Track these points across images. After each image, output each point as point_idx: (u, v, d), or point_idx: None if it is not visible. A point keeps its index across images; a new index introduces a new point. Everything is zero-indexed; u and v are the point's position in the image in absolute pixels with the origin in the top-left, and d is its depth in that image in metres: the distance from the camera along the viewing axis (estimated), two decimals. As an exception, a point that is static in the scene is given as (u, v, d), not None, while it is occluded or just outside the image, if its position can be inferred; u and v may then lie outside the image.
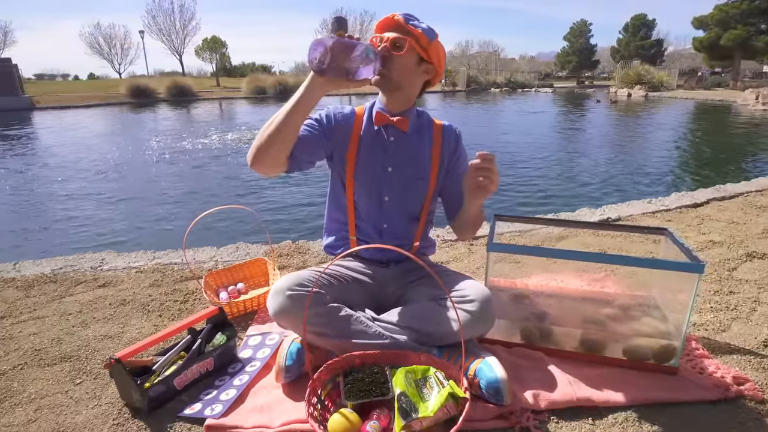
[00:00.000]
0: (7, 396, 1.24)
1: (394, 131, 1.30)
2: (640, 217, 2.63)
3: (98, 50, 43.62)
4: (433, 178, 1.33)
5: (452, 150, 1.35)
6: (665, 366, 1.23)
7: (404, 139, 1.31)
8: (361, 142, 1.30)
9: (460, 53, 47.49)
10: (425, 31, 1.19)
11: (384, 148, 1.30)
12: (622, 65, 26.89)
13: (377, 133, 1.31)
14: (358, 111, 1.34)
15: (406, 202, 1.33)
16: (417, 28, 1.19)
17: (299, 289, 1.15)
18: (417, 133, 1.33)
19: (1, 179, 6.10)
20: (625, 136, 9.68)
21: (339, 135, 1.30)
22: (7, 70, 18.34)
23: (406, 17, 1.20)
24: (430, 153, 1.32)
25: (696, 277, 1.14)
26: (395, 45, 1.19)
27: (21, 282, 1.95)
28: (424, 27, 1.20)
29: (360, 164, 1.30)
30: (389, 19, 1.20)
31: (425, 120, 1.36)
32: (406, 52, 1.18)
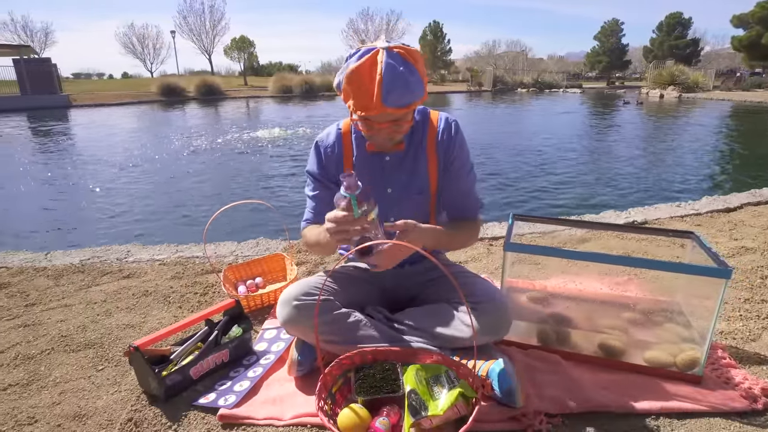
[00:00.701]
0: (34, 379, 1.29)
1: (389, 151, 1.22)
2: (668, 221, 2.54)
3: (131, 50, 45.15)
4: (433, 186, 1.24)
5: (445, 146, 1.22)
6: (688, 374, 1.19)
7: (402, 156, 1.22)
8: (356, 167, 1.23)
9: (487, 53, 46.96)
10: (415, 99, 1.05)
11: (382, 169, 1.22)
12: (655, 65, 26.00)
13: (372, 156, 1.22)
14: (344, 129, 1.25)
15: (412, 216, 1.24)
16: (410, 105, 1.04)
17: (306, 299, 1.15)
18: (413, 142, 1.22)
19: (39, 173, 6.38)
20: (654, 137, 9.36)
21: (334, 170, 1.25)
22: (47, 70, 19.18)
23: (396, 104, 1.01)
24: (426, 159, 1.22)
25: (723, 282, 1.09)
26: (396, 128, 1.09)
27: (51, 271, 2.03)
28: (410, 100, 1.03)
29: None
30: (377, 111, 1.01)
31: (419, 120, 1.23)
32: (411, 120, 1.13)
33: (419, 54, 1.07)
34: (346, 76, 1.02)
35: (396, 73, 1.00)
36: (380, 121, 1.06)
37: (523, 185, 5.14)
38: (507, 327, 1.17)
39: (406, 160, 1.22)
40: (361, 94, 1.01)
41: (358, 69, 1.00)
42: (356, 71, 1.00)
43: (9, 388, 1.25)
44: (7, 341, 1.48)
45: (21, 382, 1.27)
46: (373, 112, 1.01)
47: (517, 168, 6.05)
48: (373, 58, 1.01)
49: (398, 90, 1.00)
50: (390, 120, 1.06)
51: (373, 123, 1.07)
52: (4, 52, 20.28)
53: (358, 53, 1.03)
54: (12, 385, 1.26)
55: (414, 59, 1.05)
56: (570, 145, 7.90)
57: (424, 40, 46.60)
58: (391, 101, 1.00)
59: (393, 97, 1.00)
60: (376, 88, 0.98)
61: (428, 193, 1.24)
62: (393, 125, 1.08)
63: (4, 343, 1.47)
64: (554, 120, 12.76)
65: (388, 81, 0.99)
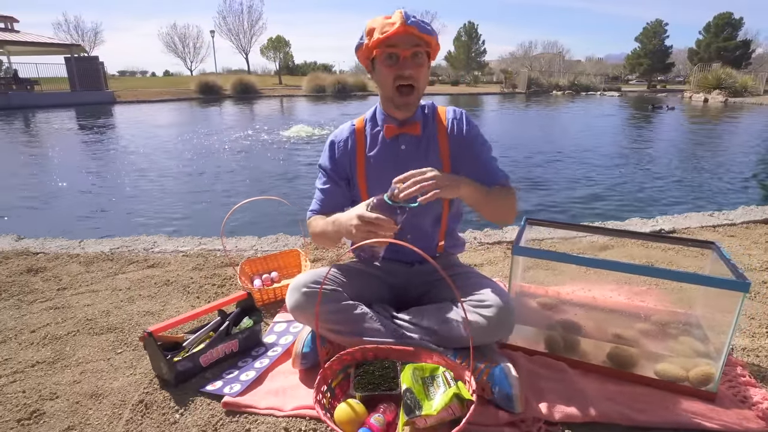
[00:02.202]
0: (60, 358, 1.37)
1: (406, 138, 1.26)
2: (698, 231, 2.44)
3: (173, 49, 46.94)
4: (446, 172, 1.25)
5: (456, 135, 1.27)
6: (702, 390, 1.14)
7: (417, 142, 1.26)
8: (369, 162, 1.27)
9: (522, 54, 46.13)
10: (433, 34, 1.17)
11: (396, 160, 1.25)
12: (700, 68, 24.81)
13: (388, 145, 1.27)
14: (357, 127, 1.31)
15: (426, 211, 1.25)
16: (431, 35, 1.16)
17: (315, 286, 1.18)
18: (427, 131, 1.28)
19: (83, 163, 6.74)
20: (689, 143, 8.95)
21: (347, 165, 1.29)
22: (95, 67, 20.20)
23: (418, 25, 1.13)
24: (438, 150, 1.26)
25: (740, 296, 1.04)
26: (418, 63, 1.16)
27: (83, 258, 2.15)
28: (430, 29, 1.17)
29: (372, 185, 1.26)
30: (401, 30, 1.11)
31: (429, 111, 1.31)
32: (428, 64, 1.18)
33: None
34: (372, 20, 1.17)
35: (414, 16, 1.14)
36: (403, 47, 1.13)
37: (548, 189, 5.02)
38: (510, 329, 1.16)
39: (420, 148, 1.26)
40: (384, 23, 1.13)
41: (377, 17, 1.16)
42: (376, 18, 1.16)
43: (37, 365, 1.34)
44: (39, 321, 1.58)
45: (47, 360, 1.36)
46: (399, 29, 1.09)
47: (543, 171, 5.92)
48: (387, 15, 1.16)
49: (419, 20, 1.13)
50: (413, 45, 1.13)
51: (398, 51, 1.13)
52: (57, 51, 21.49)
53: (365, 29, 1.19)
54: (39, 362, 1.35)
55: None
56: (599, 150, 7.67)
57: (459, 41, 46.20)
58: (413, 22, 1.11)
59: (414, 21, 1.12)
60: (398, 15, 1.12)
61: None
62: (415, 55, 1.14)
63: (37, 323, 1.57)
64: (583, 124, 12.39)
65: (409, 13, 1.13)
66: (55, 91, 19.49)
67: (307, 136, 9.19)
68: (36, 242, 2.37)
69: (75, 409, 1.14)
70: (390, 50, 1.14)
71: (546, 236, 2.36)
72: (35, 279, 1.95)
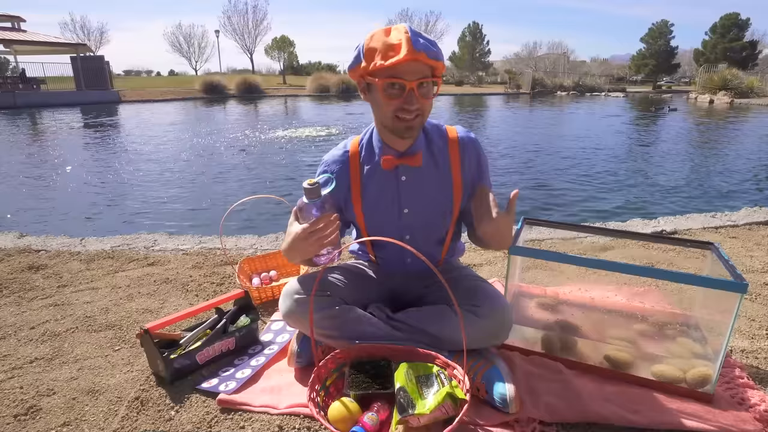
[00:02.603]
0: (58, 354, 1.38)
1: (406, 168, 1.15)
2: (700, 232, 2.42)
3: (178, 48, 47.13)
4: (457, 206, 1.20)
5: (474, 167, 1.18)
6: (698, 392, 1.13)
7: (419, 173, 1.15)
8: (366, 193, 1.18)
9: (527, 55, 46.04)
10: (441, 57, 1.03)
11: (396, 190, 1.16)
12: (706, 69, 24.64)
13: (386, 175, 1.16)
14: (351, 151, 1.19)
15: (430, 235, 1.24)
16: (439, 60, 1.02)
17: (306, 293, 1.16)
18: (432, 161, 1.16)
19: (86, 162, 6.77)
20: (696, 145, 8.89)
21: (340, 194, 1.19)
22: (100, 67, 20.34)
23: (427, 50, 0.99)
24: (450, 179, 1.17)
25: (738, 296, 1.03)
26: (425, 95, 1.04)
27: (85, 256, 2.16)
28: (437, 52, 1.02)
29: (369, 212, 1.20)
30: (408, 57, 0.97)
31: (436, 136, 1.17)
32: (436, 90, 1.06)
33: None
34: (370, 36, 1.02)
35: (418, 31, 1.01)
36: (410, 78, 0.99)
37: (549, 189, 5.01)
38: (507, 332, 1.15)
39: (423, 179, 1.16)
40: (388, 45, 0.98)
41: (377, 31, 1.01)
42: (375, 33, 1.01)
43: (35, 361, 1.35)
44: (39, 318, 1.59)
45: (46, 356, 1.37)
46: (407, 56, 0.96)
47: (544, 171, 5.91)
48: (389, 27, 1.02)
49: (425, 41, 1.00)
50: (420, 77, 1.00)
51: (404, 81, 0.99)
52: (63, 50, 21.64)
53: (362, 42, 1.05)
54: (38, 358, 1.36)
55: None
56: (602, 150, 7.63)
57: (463, 41, 46.18)
58: (422, 47, 0.98)
59: (423, 45, 0.98)
60: (404, 35, 0.98)
61: (450, 216, 1.21)
62: (422, 89, 1.02)
63: (36, 320, 1.58)
64: (584, 124, 12.35)
65: (414, 33, 0.99)
66: (61, 90, 19.62)
67: (310, 136, 9.21)
68: (38, 240, 2.39)
69: (71, 405, 1.14)
70: (394, 80, 1.00)
71: (546, 236, 2.36)
72: (36, 276, 1.96)
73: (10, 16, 21.59)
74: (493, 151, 7.60)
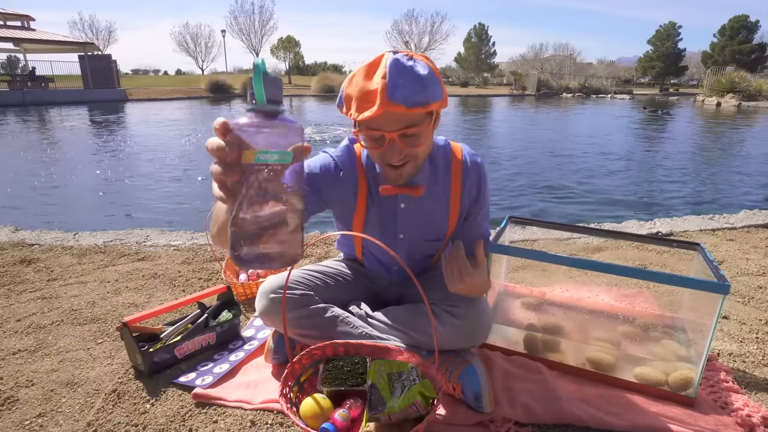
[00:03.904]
0: (41, 346, 1.38)
1: (405, 196, 1.10)
2: (697, 234, 2.39)
3: (185, 48, 47.36)
4: (451, 230, 1.17)
5: (474, 196, 1.12)
6: (680, 395, 1.11)
7: (418, 202, 1.11)
8: (369, 209, 1.13)
9: (533, 56, 45.87)
10: (433, 99, 0.90)
11: (395, 215, 1.13)
12: (714, 71, 24.43)
13: (385, 198, 1.11)
14: (358, 151, 1.12)
15: (421, 254, 1.23)
16: (428, 104, 0.88)
17: (282, 292, 1.14)
18: (432, 188, 1.10)
19: (89, 158, 6.82)
20: (701, 147, 8.81)
21: (342, 195, 1.12)
22: (108, 66, 20.51)
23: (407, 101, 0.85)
24: (448, 209, 1.12)
25: (720, 298, 1.02)
26: (411, 144, 0.94)
27: (77, 250, 2.17)
28: (426, 97, 0.88)
29: (368, 228, 1.16)
30: (381, 111, 0.85)
31: (440, 159, 1.10)
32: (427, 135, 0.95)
33: (431, 60, 0.95)
34: (347, 80, 0.93)
35: (404, 68, 0.87)
36: (389, 129, 0.90)
37: (548, 191, 4.98)
38: (485, 334, 1.14)
39: (425, 205, 1.12)
40: (363, 93, 0.87)
41: (358, 72, 0.91)
42: (356, 74, 0.91)
43: (18, 352, 1.35)
44: (25, 311, 1.60)
45: (29, 348, 1.37)
46: (378, 110, 0.84)
47: (544, 172, 5.87)
48: (376, 60, 0.90)
49: (408, 86, 0.85)
50: (402, 127, 0.90)
51: (382, 132, 0.90)
52: (72, 49, 21.82)
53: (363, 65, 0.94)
54: (21, 350, 1.36)
55: (425, 59, 0.93)
56: (601, 152, 7.58)
57: (469, 42, 46.08)
58: (398, 97, 0.84)
59: (401, 94, 0.85)
60: (380, 81, 0.85)
61: (443, 239, 1.19)
62: (406, 136, 0.92)
63: (23, 313, 1.58)
64: (586, 125, 12.27)
65: (394, 75, 0.85)
66: (69, 89, 19.78)
67: (311, 136, 9.21)
68: (32, 234, 2.40)
69: (49, 397, 1.14)
70: (371, 132, 0.92)
71: (540, 237, 2.34)
72: (27, 270, 1.97)
73: (20, 15, 21.81)
74: (492, 152, 7.57)
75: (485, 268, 1.00)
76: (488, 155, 7.32)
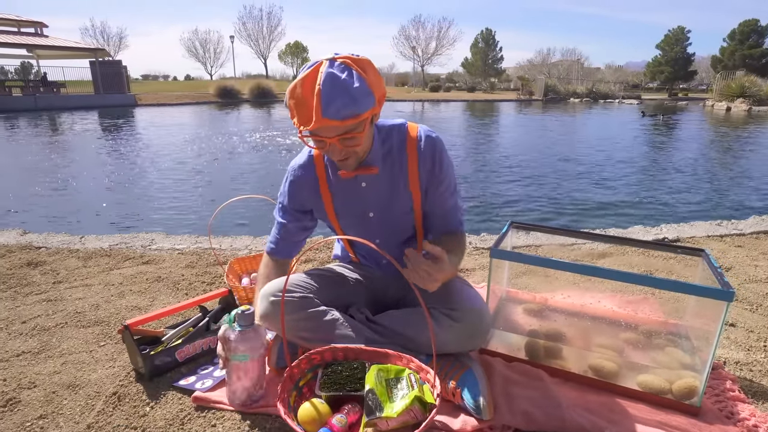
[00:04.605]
0: (45, 348, 1.40)
1: (364, 176, 1.17)
2: (704, 240, 2.36)
3: (194, 53, 47.88)
4: (417, 204, 1.20)
5: (429, 169, 1.16)
6: (685, 404, 1.09)
7: (377, 179, 1.17)
8: (334, 196, 1.22)
9: (540, 61, 45.81)
10: (365, 107, 0.97)
11: (359, 194, 1.19)
12: (723, 76, 24.20)
13: (348, 181, 1.18)
14: (316, 155, 1.22)
15: (399, 237, 1.26)
16: (360, 114, 0.96)
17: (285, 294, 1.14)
18: (389, 164, 1.17)
19: (99, 162, 6.91)
20: (708, 152, 8.71)
21: (309, 198, 1.24)
22: (118, 71, 20.78)
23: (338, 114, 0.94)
24: (407, 182, 1.17)
25: (724, 304, 1.00)
26: (350, 144, 1.03)
27: (83, 253, 2.19)
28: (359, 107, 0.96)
29: (340, 215, 1.24)
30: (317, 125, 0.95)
31: (395, 141, 1.17)
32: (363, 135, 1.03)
33: (369, 63, 1.02)
34: (289, 91, 1.01)
35: (336, 83, 0.95)
36: (328, 136, 1.00)
37: (553, 197, 4.95)
38: (483, 336, 1.13)
39: (384, 181, 1.17)
40: (302, 108, 0.97)
41: (299, 83, 0.98)
42: (297, 85, 0.98)
43: (22, 354, 1.36)
44: (31, 313, 1.61)
45: (33, 350, 1.38)
46: (314, 125, 0.95)
47: (545, 177, 5.84)
48: (315, 70, 0.97)
49: (339, 100, 0.94)
50: (338, 134, 0.99)
51: (322, 138, 1.00)
52: (83, 55, 22.16)
53: (305, 67, 1.01)
54: (25, 352, 1.37)
55: (361, 68, 0.99)
56: (606, 157, 7.53)
57: (476, 47, 46.17)
58: (331, 113, 0.94)
59: (333, 109, 0.94)
60: (315, 99, 0.94)
61: (413, 211, 1.21)
62: (344, 140, 1.01)
63: (28, 315, 1.60)
64: (591, 130, 12.20)
65: (328, 92, 0.94)
66: (80, 94, 20.07)
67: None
68: (39, 237, 2.43)
69: (50, 399, 1.15)
70: (314, 137, 1.02)
71: (544, 242, 2.32)
72: (34, 272, 1.99)
73: (33, 22, 22.21)
74: (497, 155, 7.55)
75: (444, 256, 0.99)
76: (494, 160, 7.30)
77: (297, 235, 1.31)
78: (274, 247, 1.33)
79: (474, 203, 4.68)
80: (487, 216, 4.28)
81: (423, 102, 21.34)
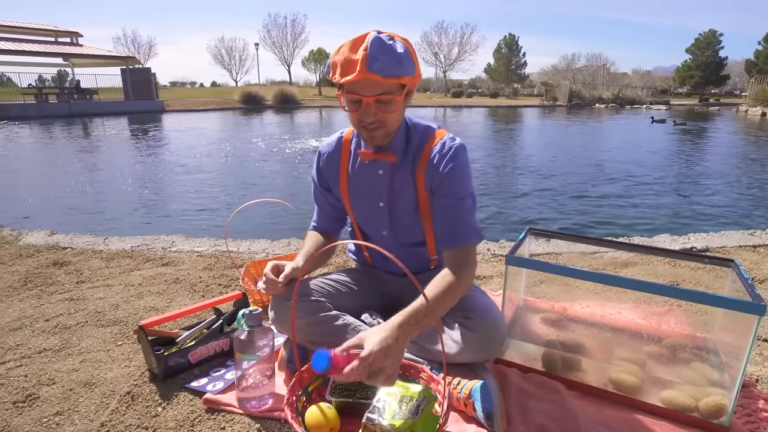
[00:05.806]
0: (65, 346, 1.43)
1: (384, 164, 1.18)
2: (735, 250, 2.26)
3: (220, 60, 49.01)
4: (424, 207, 1.19)
5: (435, 173, 1.13)
6: (712, 423, 1.04)
7: (394, 169, 1.17)
8: (351, 178, 1.23)
9: (565, 67, 45.16)
10: (405, 73, 1.02)
11: (375, 182, 1.20)
12: (758, 80, 23.31)
13: (368, 166, 1.20)
14: (345, 138, 1.26)
15: (406, 237, 1.25)
16: (401, 76, 1.01)
17: (298, 298, 1.15)
18: (407, 159, 1.17)
19: (129, 165, 7.12)
20: (744, 160, 8.37)
21: (330, 177, 1.27)
22: (147, 78, 21.47)
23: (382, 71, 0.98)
24: (415, 180, 1.16)
25: (755, 319, 0.94)
26: (384, 109, 1.05)
27: (106, 254, 2.25)
28: (400, 70, 1.01)
29: (353, 199, 1.25)
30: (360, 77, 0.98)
31: (419, 139, 1.17)
32: (398, 103, 1.06)
33: (411, 43, 1.08)
34: (335, 50, 1.05)
35: (383, 44, 1.00)
36: (366, 94, 1.02)
37: (577, 202, 4.84)
38: (499, 347, 1.10)
39: (398, 174, 1.18)
40: (347, 61, 1.00)
41: (346, 43, 1.03)
42: (344, 45, 1.03)
43: (44, 351, 1.40)
44: (54, 311, 1.66)
45: (54, 347, 1.42)
46: (357, 76, 0.98)
47: (564, 183, 5.72)
48: (361, 36, 1.02)
49: (384, 58, 0.99)
50: (377, 93, 1.02)
51: (360, 96, 1.02)
52: (114, 63, 23.02)
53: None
54: (46, 349, 1.41)
55: (404, 41, 1.05)
56: (631, 164, 7.32)
57: (499, 53, 45.85)
58: (376, 68, 0.98)
59: (378, 65, 0.98)
60: (361, 53, 0.98)
61: (418, 211, 1.20)
62: (380, 103, 1.04)
63: (51, 313, 1.64)
64: (611, 137, 11.89)
65: (375, 50, 0.98)
66: (111, 100, 20.81)
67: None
68: (66, 238, 2.51)
69: (67, 396, 1.17)
70: (351, 96, 1.04)
71: (564, 250, 2.26)
72: (59, 272, 2.05)
73: (69, 32, 23.21)
74: (520, 160, 7.44)
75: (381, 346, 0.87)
76: (516, 166, 7.20)
77: (334, 209, 1.32)
78: (315, 225, 1.35)
79: (494, 209, 4.62)
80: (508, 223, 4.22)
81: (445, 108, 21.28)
